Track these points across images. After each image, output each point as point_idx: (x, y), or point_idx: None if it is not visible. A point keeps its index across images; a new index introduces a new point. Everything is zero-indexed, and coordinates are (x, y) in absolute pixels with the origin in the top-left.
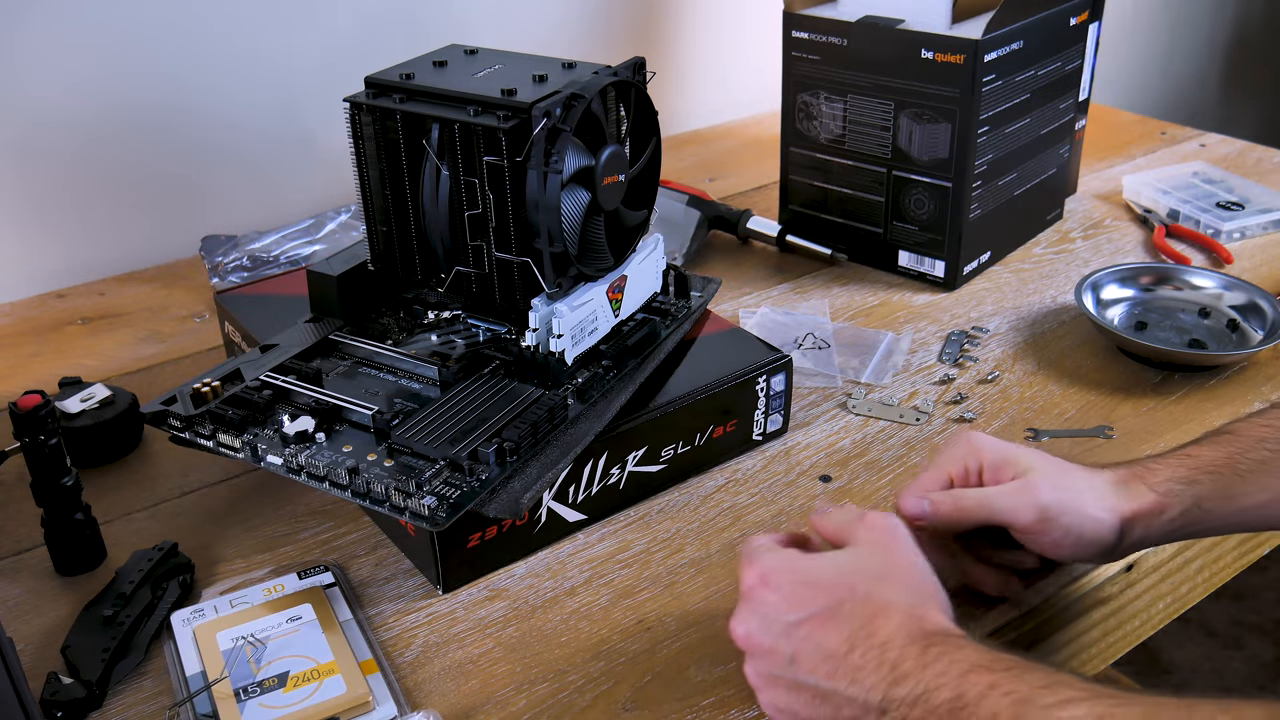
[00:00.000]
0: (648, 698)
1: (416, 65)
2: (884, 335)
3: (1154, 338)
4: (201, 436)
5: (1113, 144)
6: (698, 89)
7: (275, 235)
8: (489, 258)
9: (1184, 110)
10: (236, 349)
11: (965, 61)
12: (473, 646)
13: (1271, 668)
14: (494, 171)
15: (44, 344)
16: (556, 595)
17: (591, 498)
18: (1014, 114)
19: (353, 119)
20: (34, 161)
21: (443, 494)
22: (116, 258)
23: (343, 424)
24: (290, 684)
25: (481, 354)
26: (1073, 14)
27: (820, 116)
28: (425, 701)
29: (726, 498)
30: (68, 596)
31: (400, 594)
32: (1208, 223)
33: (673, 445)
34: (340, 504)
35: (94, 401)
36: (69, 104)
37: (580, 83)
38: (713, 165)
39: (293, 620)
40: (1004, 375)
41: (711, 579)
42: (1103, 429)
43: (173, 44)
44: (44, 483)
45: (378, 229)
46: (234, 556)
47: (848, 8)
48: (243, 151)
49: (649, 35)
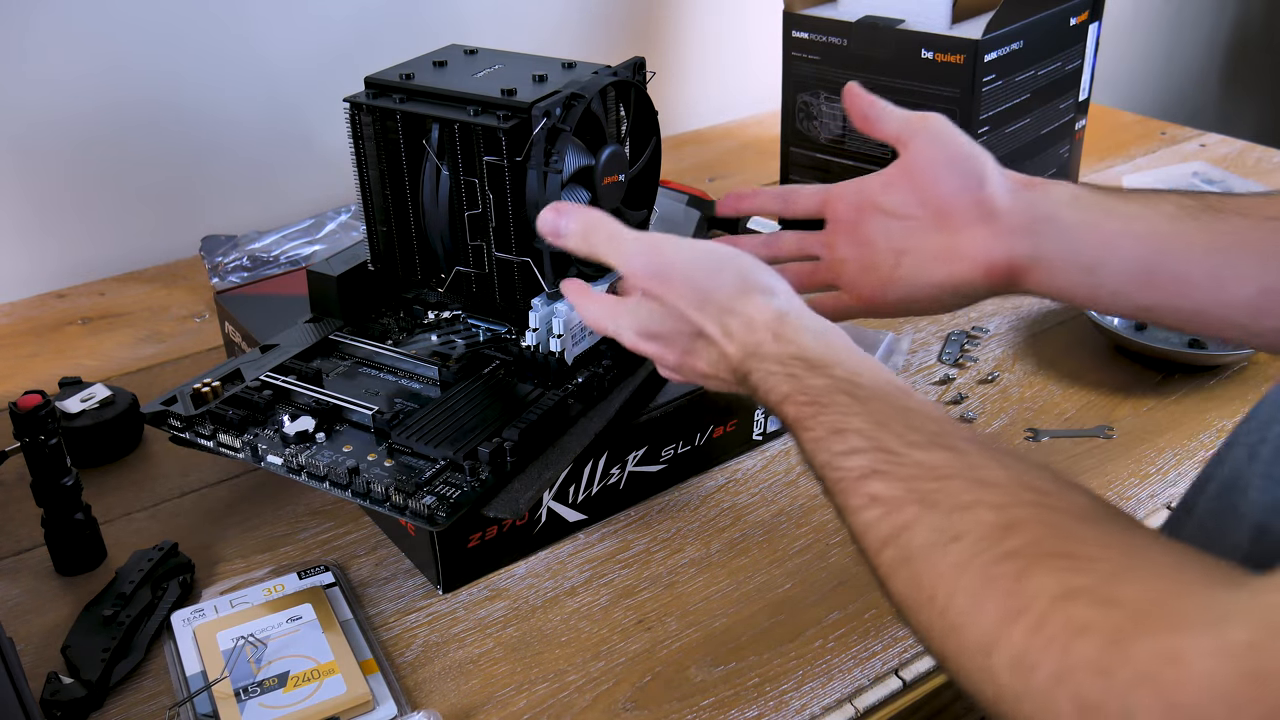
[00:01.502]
0: (648, 698)
1: (416, 65)
2: (884, 335)
3: (1154, 338)
4: (202, 436)
5: (1113, 144)
6: (698, 89)
7: (275, 235)
8: (489, 258)
9: (1184, 110)
10: (236, 349)
11: (965, 61)
12: (473, 646)
13: None
14: (494, 171)
15: (44, 344)
16: (557, 595)
17: (591, 498)
18: (1014, 114)
19: (353, 119)
20: (34, 161)
21: (443, 494)
22: (116, 258)
23: (343, 424)
24: (290, 684)
25: (481, 354)
26: (1073, 14)
27: (820, 116)
28: (425, 701)
29: (726, 498)
30: (68, 596)
31: (400, 594)
32: None
33: (673, 445)
34: (340, 504)
35: (94, 401)
36: (69, 104)
37: (580, 83)
38: (713, 165)
39: (293, 620)
40: (1004, 375)
41: (711, 579)
42: (1103, 429)
43: (173, 44)
44: (44, 483)
45: (378, 229)
46: (234, 556)
47: (848, 8)
48: (243, 151)
49: (649, 35)
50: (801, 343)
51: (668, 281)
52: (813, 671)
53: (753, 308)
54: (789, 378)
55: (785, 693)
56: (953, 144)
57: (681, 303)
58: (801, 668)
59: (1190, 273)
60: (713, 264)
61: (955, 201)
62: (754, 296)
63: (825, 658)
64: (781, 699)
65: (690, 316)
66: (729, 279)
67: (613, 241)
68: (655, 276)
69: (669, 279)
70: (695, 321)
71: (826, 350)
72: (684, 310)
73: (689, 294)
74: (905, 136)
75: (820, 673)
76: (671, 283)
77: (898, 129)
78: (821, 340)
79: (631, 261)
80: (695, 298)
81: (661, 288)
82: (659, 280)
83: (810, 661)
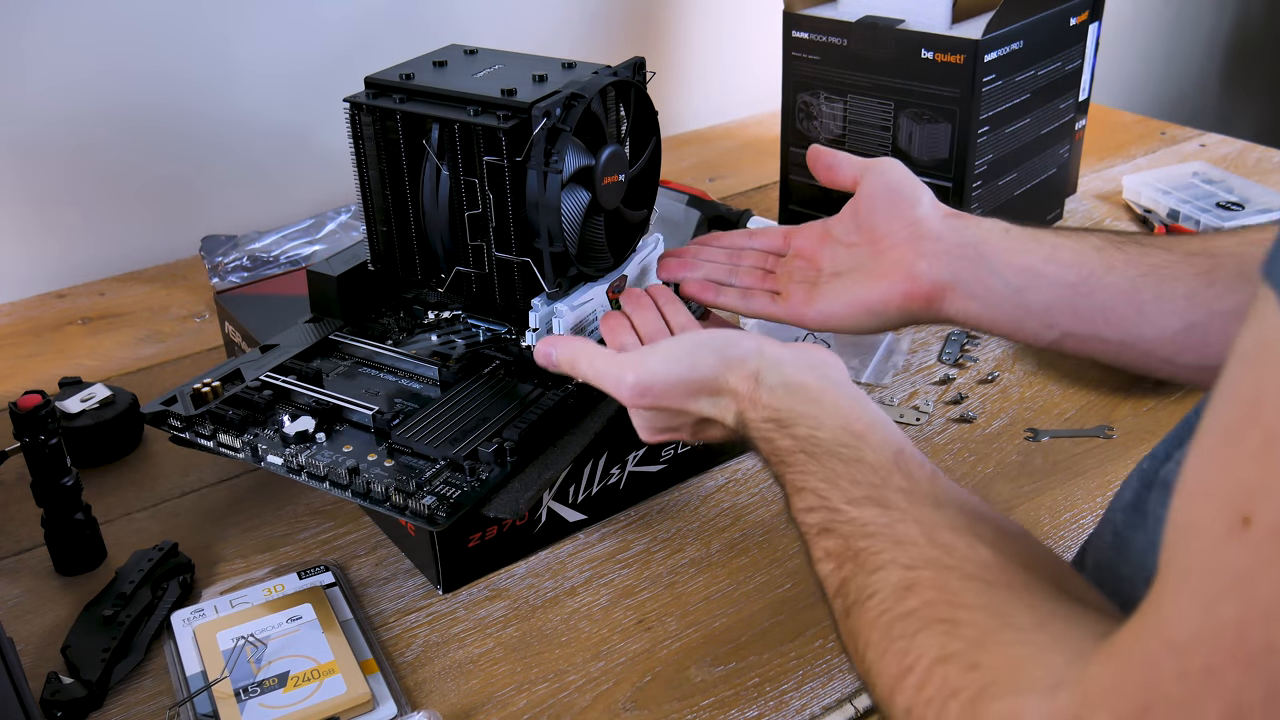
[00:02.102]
0: (648, 698)
1: (416, 65)
2: (884, 335)
3: None
4: (202, 436)
5: (1113, 144)
6: (698, 89)
7: (275, 235)
8: (489, 258)
9: (1184, 110)
10: (236, 349)
11: (965, 61)
12: (473, 646)
13: None
14: (494, 171)
15: (44, 344)
16: (557, 595)
17: (591, 498)
18: (1014, 114)
19: (353, 119)
20: (34, 161)
21: (443, 494)
22: (116, 258)
23: (343, 424)
24: (290, 684)
25: (481, 354)
26: (1073, 14)
27: (820, 116)
28: (425, 701)
29: (726, 498)
30: (68, 596)
31: (400, 594)
32: (1208, 223)
33: (673, 445)
34: (340, 504)
35: (94, 401)
36: (69, 104)
37: (580, 83)
38: (713, 165)
39: (293, 620)
40: (1004, 375)
41: (712, 579)
42: (1103, 429)
43: (173, 44)
44: (44, 483)
45: (378, 229)
46: (234, 556)
47: (848, 8)
48: (243, 151)
49: (649, 35)
50: (773, 405)
51: (656, 393)
52: (813, 671)
53: (734, 381)
54: (765, 440)
55: (785, 693)
56: (894, 176)
57: (675, 403)
58: (802, 668)
59: (1115, 303)
60: (691, 356)
61: (888, 225)
62: (733, 370)
63: (825, 658)
64: (781, 699)
65: (687, 409)
66: (708, 363)
67: (597, 368)
68: (645, 393)
69: (655, 390)
70: (693, 411)
71: (792, 408)
72: (680, 407)
73: (679, 393)
74: (859, 176)
75: (820, 673)
76: (660, 392)
77: (853, 173)
78: (790, 397)
79: (620, 388)
80: (685, 393)
81: (654, 399)
82: (649, 395)
83: (810, 661)
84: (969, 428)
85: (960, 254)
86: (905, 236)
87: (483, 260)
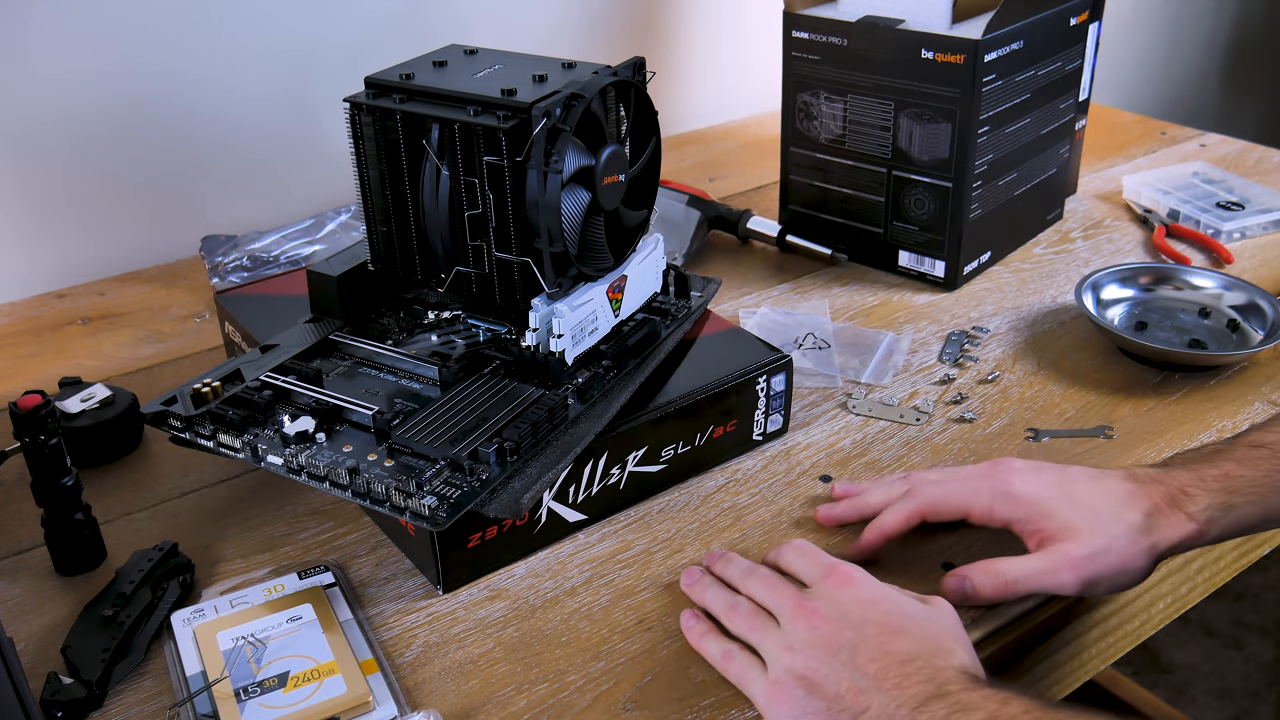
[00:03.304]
0: (648, 698)
1: (416, 65)
2: (884, 335)
3: (1154, 338)
4: (202, 437)
5: (1113, 144)
6: (698, 89)
7: (275, 235)
8: (489, 258)
9: (1184, 110)
10: (236, 349)
11: (965, 61)
12: (473, 646)
13: (1271, 668)
14: (494, 171)
15: (44, 344)
16: (557, 595)
17: (592, 498)
18: (1014, 114)
19: (353, 119)
20: (34, 161)
21: (443, 494)
22: (116, 258)
23: (343, 424)
24: (290, 684)
25: (481, 354)
26: (1073, 14)
27: (820, 116)
28: (425, 701)
29: (726, 498)
30: (68, 596)
31: (400, 594)
32: (1208, 223)
33: (673, 445)
34: (340, 504)
35: (94, 401)
36: (69, 104)
37: (580, 83)
38: (713, 165)
39: (293, 620)
40: (1004, 375)
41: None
42: (1103, 429)
43: (173, 43)
44: (44, 483)
45: (378, 229)
46: (234, 556)
47: (848, 8)
48: (243, 151)
49: (649, 35)
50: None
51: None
52: None
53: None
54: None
55: None
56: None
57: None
58: None
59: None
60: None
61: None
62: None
63: None
64: None
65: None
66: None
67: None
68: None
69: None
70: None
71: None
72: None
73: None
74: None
75: None
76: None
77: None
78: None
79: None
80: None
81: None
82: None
83: None
84: (969, 428)
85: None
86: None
87: (483, 260)
